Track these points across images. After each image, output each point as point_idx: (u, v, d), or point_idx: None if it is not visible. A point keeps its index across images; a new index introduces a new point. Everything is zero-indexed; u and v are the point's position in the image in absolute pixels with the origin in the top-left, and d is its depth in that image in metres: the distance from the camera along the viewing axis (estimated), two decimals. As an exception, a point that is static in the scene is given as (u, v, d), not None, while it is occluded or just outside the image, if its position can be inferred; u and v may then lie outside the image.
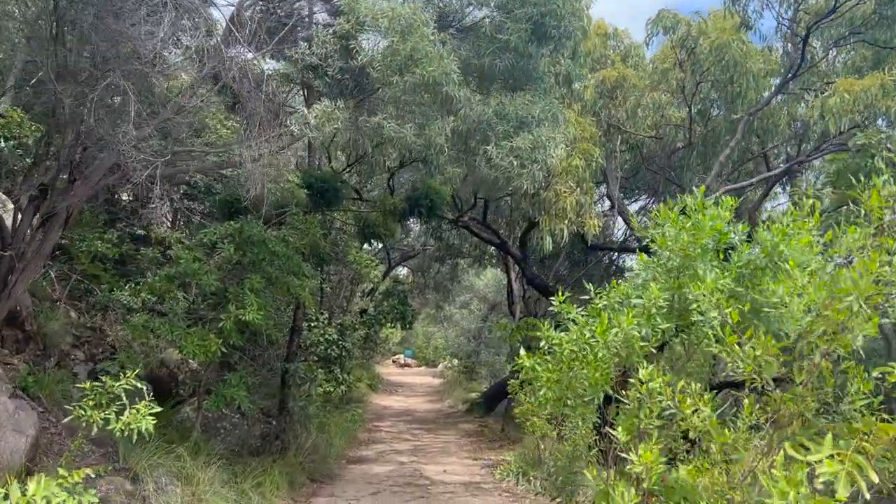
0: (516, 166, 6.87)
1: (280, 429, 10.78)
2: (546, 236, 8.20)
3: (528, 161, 6.86)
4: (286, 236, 8.96)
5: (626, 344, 4.32)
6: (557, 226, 8.28)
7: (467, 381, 27.31)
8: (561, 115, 7.39)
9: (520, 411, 10.35)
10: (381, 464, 12.05)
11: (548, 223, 8.12)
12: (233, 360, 12.88)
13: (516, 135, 6.88)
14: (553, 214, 8.14)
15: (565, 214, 8.17)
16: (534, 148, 6.84)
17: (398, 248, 28.12)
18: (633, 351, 4.31)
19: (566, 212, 8.09)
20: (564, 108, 7.45)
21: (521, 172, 6.94)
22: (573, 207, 8.05)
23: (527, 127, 6.99)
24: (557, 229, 8.34)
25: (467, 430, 16.91)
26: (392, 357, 45.70)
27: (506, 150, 6.85)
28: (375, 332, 20.14)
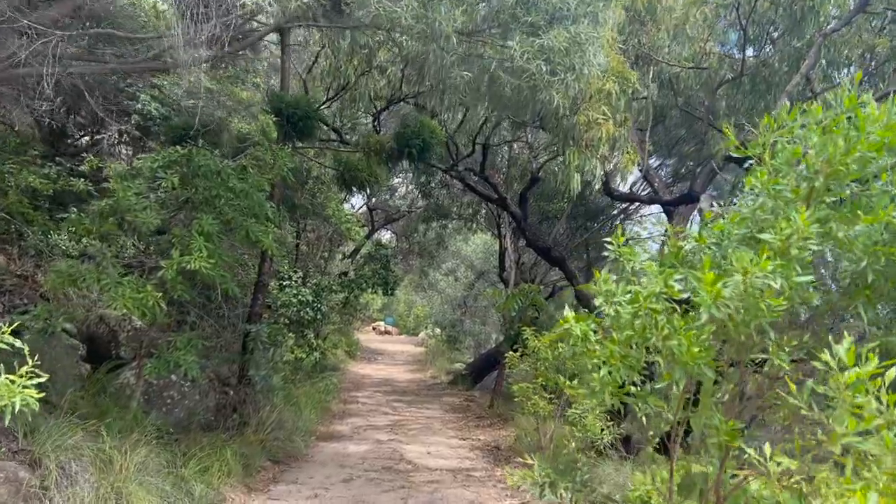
0: (545, 72, 5.29)
1: (239, 400, 9.24)
2: (573, 174, 6.64)
3: (560, 67, 5.28)
4: (246, 167, 7.31)
5: (747, 302, 2.75)
6: (588, 161, 6.71)
7: (450, 350, 25.93)
8: (601, 14, 5.77)
9: (519, 389, 8.89)
10: (357, 442, 10.57)
11: (576, 157, 6.56)
12: (189, 319, 11.34)
13: (547, 30, 5.29)
14: (584, 146, 6.59)
15: (597, 147, 6.62)
16: (569, 49, 5.25)
17: (382, 209, 26.60)
18: (759, 313, 2.74)
19: (601, 143, 6.53)
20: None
21: (552, 81, 5.36)
22: (607, 139, 6.51)
23: (560, 23, 5.40)
24: (589, 166, 6.77)
25: (452, 404, 15.47)
26: (372, 324, 44.41)
27: (533, 50, 5.25)
28: (356, 297, 18.85)
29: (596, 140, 6.37)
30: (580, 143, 6.46)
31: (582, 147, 6.48)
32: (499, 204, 12.46)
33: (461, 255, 27.40)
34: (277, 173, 7.51)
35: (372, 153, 9.72)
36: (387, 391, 17.31)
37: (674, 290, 3.10)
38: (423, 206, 19.91)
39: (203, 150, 7.24)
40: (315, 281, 14.50)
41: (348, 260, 22.18)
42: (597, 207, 16.23)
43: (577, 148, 6.48)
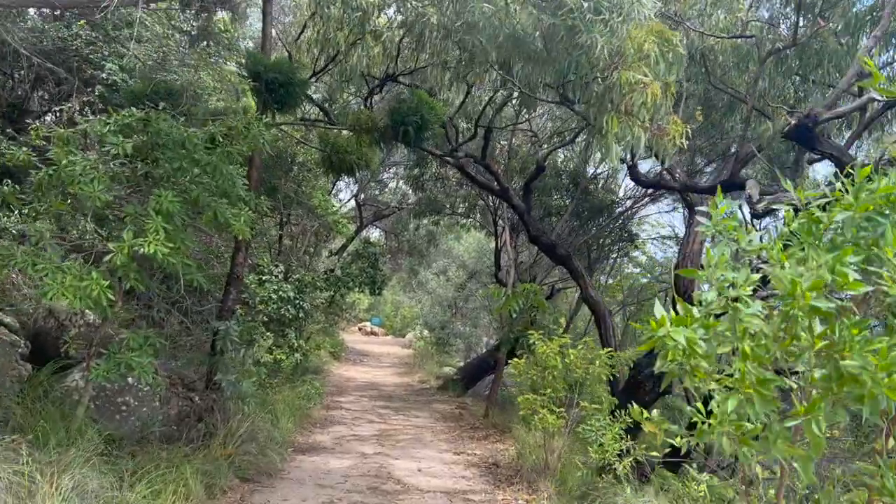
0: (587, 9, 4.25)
1: (205, 408, 8.13)
2: (612, 144, 5.54)
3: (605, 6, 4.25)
4: (215, 136, 6.20)
5: None
6: (630, 129, 5.60)
7: (439, 353, 24.85)
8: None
9: (524, 401, 7.84)
10: (339, 455, 9.47)
11: (615, 124, 5.48)
12: (154, 315, 10.21)
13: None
14: (623, 112, 5.50)
15: (639, 114, 5.54)
16: (615, -15, 4.21)
17: (371, 205, 25.59)
18: None
19: (644, 109, 5.44)
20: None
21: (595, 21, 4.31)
22: (651, 104, 5.44)
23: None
24: (630, 135, 5.65)
25: (443, 411, 14.39)
26: (358, 324, 43.33)
27: (573, -21, 4.22)
28: (342, 296, 17.84)
29: (638, 105, 5.33)
30: (620, 107, 5.41)
31: (622, 113, 5.43)
32: (500, 195, 11.42)
33: (453, 254, 26.35)
34: (252, 145, 6.40)
35: (363, 132, 8.64)
36: (373, 396, 16.21)
37: (847, 279, 2.02)
38: (416, 201, 18.83)
39: (164, 115, 6.12)
40: (298, 276, 13.41)
41: (335, 257, 21.09)
42: (600, 204, 15.24)
43: (615, 113, 5.42)
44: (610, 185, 16.17)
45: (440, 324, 24.81)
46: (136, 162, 6.42)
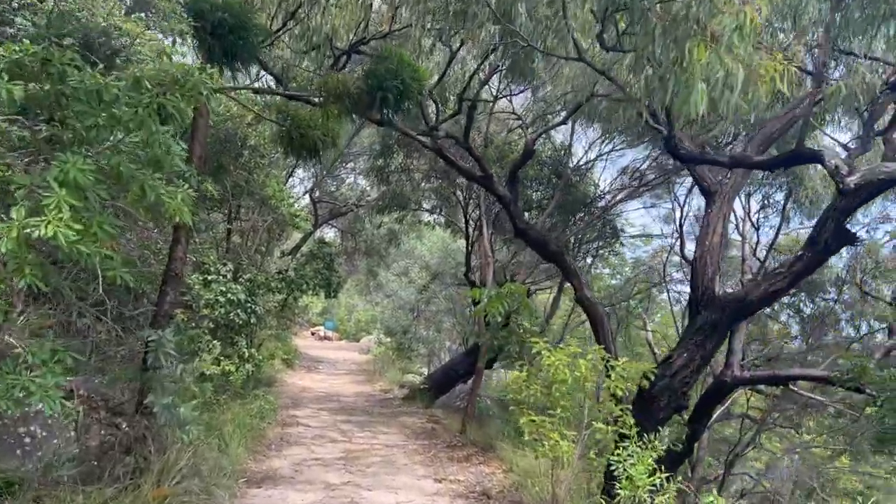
0: None
1: (135, 437, 6.54)
2: (697, 83, 4.15)
3: None
4: (140, 81, 4.67)
5: None
6: (721, 62, 4.18)
7: (401, 359, 23.42)
8: None
9: (528, 423, 6.47)
10: (300, 487, 7.96)
11: (701, 53, 4.09)
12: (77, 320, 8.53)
13: None
14: (710, 38, 4.13)
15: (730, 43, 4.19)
16: None
17: (328, 202, 24.06)
18: None
19: (739, 36, 4.06)
20: None
21: None
22: (749, 29, 4.08)
23: None
24: (721, 70, 4.21)
25: (413, 426, 12.95)
26: (311, 328, 41.63)
27: None
28: (295, 298, 16.39)
29: (730, 30, 4.00)
30: (706, 32, 4.06)
31: (708, 40, 4.09)
32: (483, 183, 10.08)
33: (415, 254, 24.91)
34: (192, 99, 4.89)
35: (331, 100, 7.17)
36: (333, 409, 14.66)
37: None
38: (379, 196, 17.35)
39: (72, 53, 4.58)
40: (249, 276, 11.81)
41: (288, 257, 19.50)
42: (583, 198, 14.07)
43: (702, 42, 4.07)
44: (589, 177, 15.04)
45: (402, 328, 23.37)
46: (35, 120, 4.85)
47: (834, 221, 7.10)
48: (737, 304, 7.72)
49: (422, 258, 24.53)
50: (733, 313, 7.81)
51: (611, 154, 14.47)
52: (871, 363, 10.98)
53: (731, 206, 8.77)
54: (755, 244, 14.63)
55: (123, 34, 6.37)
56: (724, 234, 8.51)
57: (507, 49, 8.12)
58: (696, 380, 8.11)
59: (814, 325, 16.76)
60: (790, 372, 13.43)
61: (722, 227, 8.31)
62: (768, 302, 8.18)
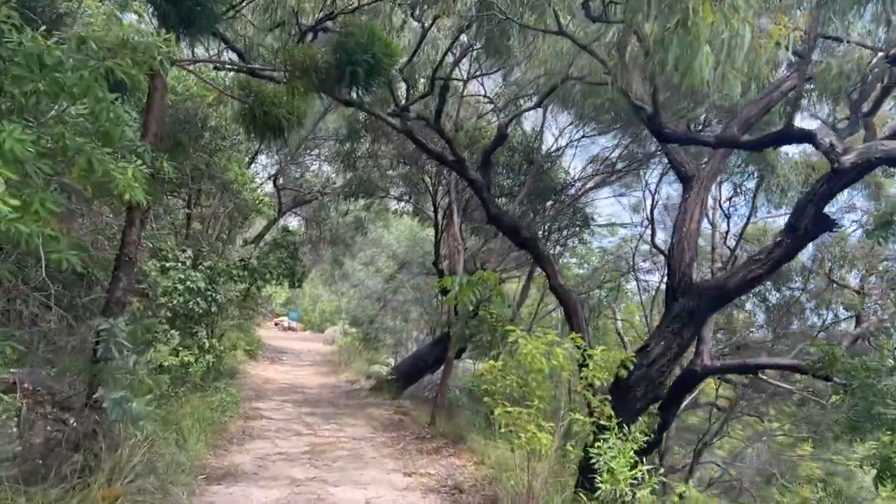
0: None
1: (84, 433, 6.10)
2: (701, 44, 3.81)
3: None
4: (85, 40, 4.24)
5: None
6: (727, 25, 3.85)
7: (367, 350, 23.05)
8: None
9: (503, 415, 6.21)
10: (264, 483, 7.59)
11: (707, 12, 3.75)
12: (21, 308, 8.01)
13: None
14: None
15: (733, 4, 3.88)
16: None
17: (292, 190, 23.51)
18: None
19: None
20: None
21: None
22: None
23: None
24: (727, 31, 3.89)
25: (381, 418, 12.62)
26: (274, 319, 40.98)
27: None
28: (258, 288, 15.95)
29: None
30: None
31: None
32: (455, 167, 9.76)
33: (382, 243, 24.49)
34: (145, 65, 4.47)
35: (297, 75, 6.77)
36: (297, 401, 14.26)
37: None
38: (345, 182, 16.89)
39: (9, 10, 4.13)
40: (209, 264, 11.33)
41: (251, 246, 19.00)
42: (554, 185, 13.84)
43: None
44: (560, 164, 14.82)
45: (368, 318, 22.99)
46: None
47: (814, 206, 6.95)
48: (715, 291, 7.55)
49: (389, 247, 24.15)
50: (711, 301, 7.64)
51: (582, 141, 14.29)
52: (840, 351, 10.99)
53: (709, 192, 8.61)
54: (725, 233, 14.58)
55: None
56: (701, 221, 8.34)
57: (483, 26, 7.81)
58: (672, 369, 7.94)
59: (780, 314, 16.84)
60: (760, 360, 13.42)
61: (699, 214, 8.14)
62: (747, 289, 8.05)
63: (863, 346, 13.11)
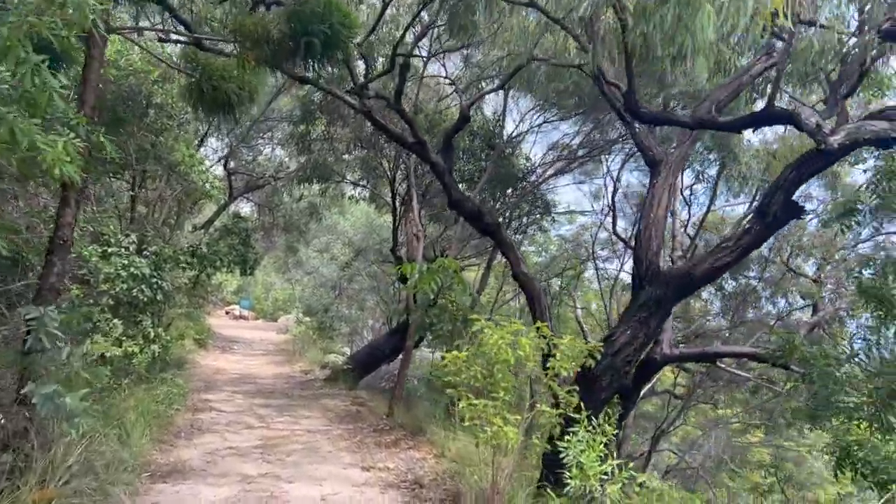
0: None
1: (14, 431, 5.60)
2: (704, 5, 3.50)
3: None
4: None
5: None
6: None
7: (322, 339, 22.55)
8: None
9: (468, 407, 5.93)
10: (213, 480, 7.17)
11: None
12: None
13: None
14: None
15: None
16: None
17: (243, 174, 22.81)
18: None
19: None
20: None
21: None
22: None
23: None
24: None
25: (337, 409, 12.25)
26: (226, 307, 40.04)
27: None
28: (208, 276, 15.39)
29: None
30: None
31: None
32: (415, 149, 9.40)
33: (337, 229, 23.97)
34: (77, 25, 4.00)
35: (248, 47, 6.32)
36: (249, 392, 13.76)
37: None
38: (300, 166, 16.34)
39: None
40: (155, 250, 10.77)
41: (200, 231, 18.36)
42: (516, 171, 13.59)
43: None
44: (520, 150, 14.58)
45: (323, 307, 22.48)
46: None
47: (783, 193, 6.82)
48: (682, 279, 7.38)
49: (345, 234, 23.64)
50: (678, 289, 7.47)
51: (544, 127, 14.08)
52: (799, 340, 11.03)
53: (677, 178, 8.44)
54: (686, 221, 14.56)
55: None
56: (669, 207, 8.16)
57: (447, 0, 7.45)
58: (638, 358, 7.75)
59: (736, 303, 16.97)
60: (719, 349, 13.46)
61: (667, 200, 7.95)
62: (714, 276, 7.91)
63: (818, 334, 13.24)
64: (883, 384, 9.62)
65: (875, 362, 10.29)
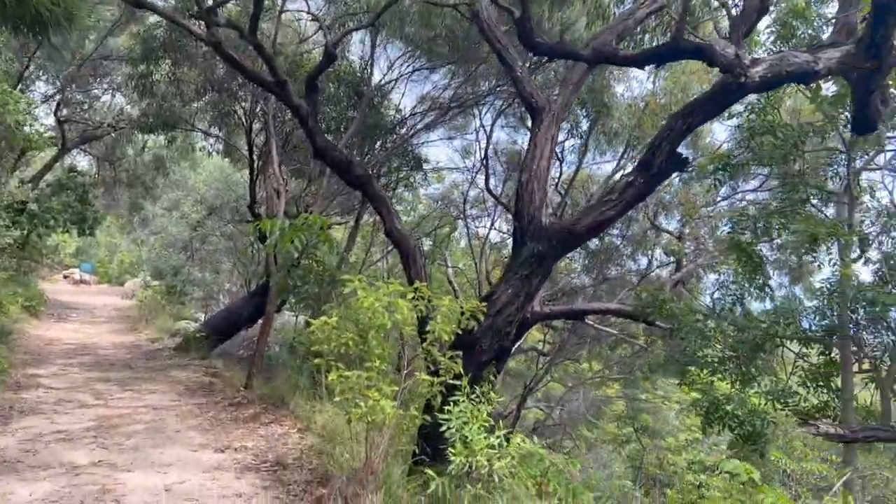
0: None
1: None
2: None
3: None
4: None
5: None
6: None
7: (172, 305, 20.86)
8: None
9: (339, 379, 5.22)
10: (30, 474, 6.01)
11: None
12: None
13: None
14: None
15: None
16: None
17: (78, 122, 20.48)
18: None
19: None
20: None
21: None
22: None
23: None
24: None
25: (188, 381, 11.09)
26: (64, 271, 36.58)
27: None
28: (39, 236, 13.65)
29: None
30: None
31: None
32: (275, 91, 8.35)
33: (188, 185, 22.09)
34: None
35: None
36: (86, 364, 12.24)
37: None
38: (142, 112, 14.59)
39: None
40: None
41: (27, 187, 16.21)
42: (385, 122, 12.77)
43: None
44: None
45: (173, 269, 20.73)
46: None
47: (669, 144, 6.53)
48: (565, 234, 6.98)
49: (196, 190, 21.82)
50: (561, 244, 7.07)
51: (415, 77, 13.31)
52: (667, 296, 11.16)
53: (560, 126, 8.00)
54: (556, 179, 14.41)
55: None
56: (551, 157, 7.72)
57: None
58: (519, 319, 7.32)
59: (599, 261, 17.23)
60: (588, 306, 13.51)
61: (550, 150, 7.50)
62: (598, 231, 7.59)
63: (680, 290, 13.60)
64: (747, 338, 9.89)
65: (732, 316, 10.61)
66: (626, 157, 13.59)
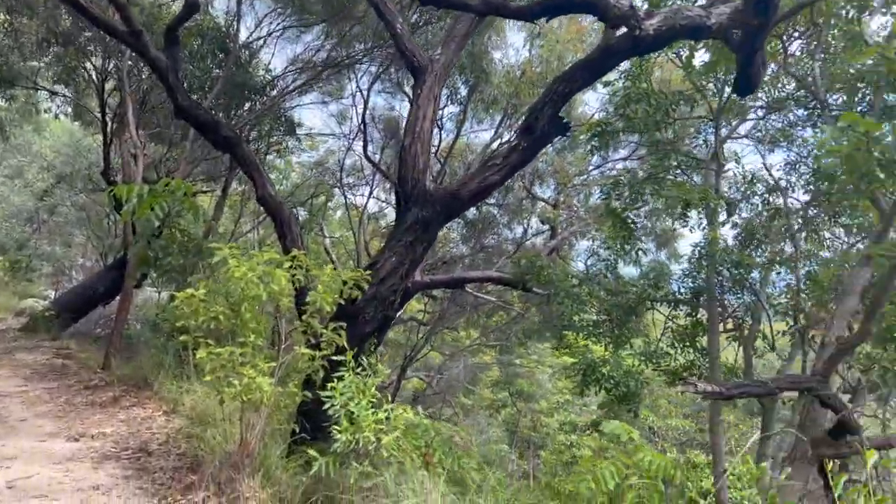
0: None
1: None
2: None
3: None
4: None
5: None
6: None
7: (17, 282, 18.99)
8: None
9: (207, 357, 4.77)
10: None
11: None
12: None
13: None
14: None
15: None
16: None
17: None
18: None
19: None
20: None
21: None
22: None
23: None
24: None
25: (36, 365, 10.04)
26: None
27: None
28: None
29: None
30: None
31: None
32: (130, 42, 7.49)
33: (32, 150, 20.02)
34: None
35: None
36: (-89, 351, 10.84)
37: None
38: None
39: None
40: None
41: None
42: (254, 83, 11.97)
43: None
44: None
45: (17, 243, 18.81)
46: None
47: (551, 107, 6.45)
48: (450, 199, 6.75)
49: (42, 156, 19.82)
50: (445, 209, 6.84)
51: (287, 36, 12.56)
52: (544, 262, 11.30)
53: (442, 87, 7.72)
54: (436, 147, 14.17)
55: None
56: (435, 119, 7.44)
57: None
58: (403, 287, 7.06)
59: (476, 230, 17.29)
60: (467, 274, 13.49)
61: (433, 111, 7.22)
62: (482, 196, 7.41)
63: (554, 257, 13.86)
64: (620, 302, 10.19)
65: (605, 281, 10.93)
66: (503, 125, 13.59)
